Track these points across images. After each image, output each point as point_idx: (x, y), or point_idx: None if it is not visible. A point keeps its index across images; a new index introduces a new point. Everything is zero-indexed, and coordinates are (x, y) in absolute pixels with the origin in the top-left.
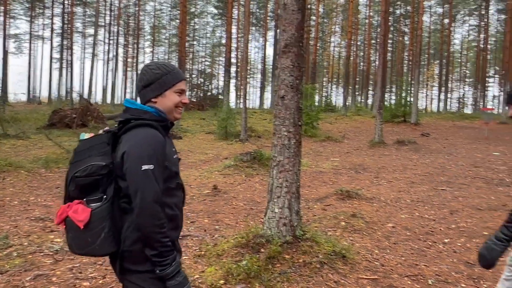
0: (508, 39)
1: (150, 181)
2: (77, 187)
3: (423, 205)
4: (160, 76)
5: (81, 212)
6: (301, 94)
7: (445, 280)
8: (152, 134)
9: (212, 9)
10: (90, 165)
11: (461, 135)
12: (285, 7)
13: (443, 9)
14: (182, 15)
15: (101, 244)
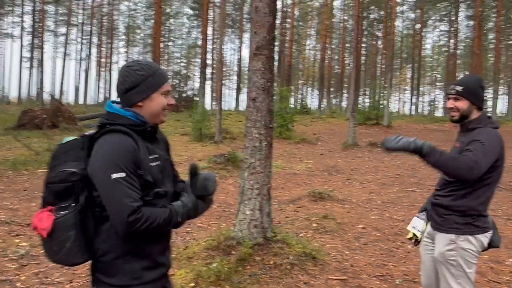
0: (476, 45)
1: (123, 190)
2: (50, 193)
3: (393, 206)
4: (145, 78)
5: (45, 221)
6: (272, 96)
7: (412, 280)
8: (121, 140)
9: (188, 10)
10: (61, 172)
11: (431, 137)
12: (256, 10)
13: (415, 14)
14: (157, 15)
15: (67, 254)
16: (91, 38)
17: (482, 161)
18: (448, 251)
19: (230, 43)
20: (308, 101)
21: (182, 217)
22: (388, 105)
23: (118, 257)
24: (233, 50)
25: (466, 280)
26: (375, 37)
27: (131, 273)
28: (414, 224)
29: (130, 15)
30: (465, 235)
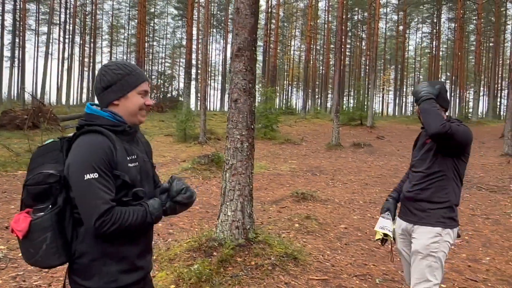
0: (457, 47)
1: (94, 191)
2: (28, 195)
3: (375, 206)
4: (121, 77)
5: (21, 222)
6: (254, 98)
7: (391, 279)
8: (96, 140)
9: (173, 10)
10: (39, 174)
11: (413, 138)
12: (238, 11)
13: (398, 16)
14: (141, 15)
15: (44, 256)
16: (74, 37)
17: (455, 129)
18: (433, 243)
19: (215, 43)
20: (293, 101)
21: (157, 216)
22: (372, 106)
23: (95, 259)
24: (218, 51)
25: (439, 272)
26: (359, 38)
27: (108, 276)
28: (382, 225)
29: (113, 14)
30: (447, 229)
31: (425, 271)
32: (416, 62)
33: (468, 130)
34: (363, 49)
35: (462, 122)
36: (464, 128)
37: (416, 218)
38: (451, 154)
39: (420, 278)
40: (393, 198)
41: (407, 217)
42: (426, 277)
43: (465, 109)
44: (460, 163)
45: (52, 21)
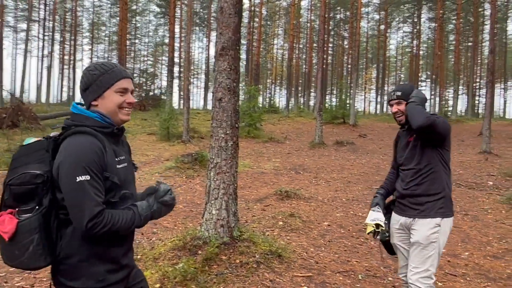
0: (437, 46)
1: (86, 193)
2: (11, 195)
3: (357, 204)
4: (97, 77)
5: (7, 224)
6: (238, 96)
7: (374, 275)
8: (87, 142)
9: (155, 8)
10: (24, 174)
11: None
12: (222, 10)
13: (380, 15)
14: (123, 12)
15: (30, 258)
16: (54, 34)
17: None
18: (433, 233)
19: (198, 42)
20: (276, 100)
21: (145, 219)
22: (354, 105)
23: (83, 260)
24: (201, 49)
25: (437, 261)
26: (341, 37)
27: (96, 276)
28: (374, 217)
29: (94, 11)
30: (446, 218)
31: (425, 260)
32: (397, 61)
33: (446, 120)
34: (345, 48)
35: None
36: (443, 119)
37: (416, 212)
38: (435, 145)
39: (419, 267)
40: (381, 195)
41: (405, 212)
42: (426, 266)
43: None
44: (445, 152)
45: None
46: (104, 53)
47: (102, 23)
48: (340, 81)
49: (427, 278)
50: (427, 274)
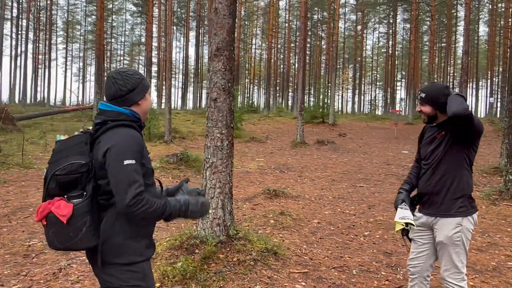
0: (413, 46)
1: (131, 175)
2: (57, 184)
3: (343, 201)
4: (140, 81)
5: (64, 208)
6: (233, 96)
7: (367, 270)
8: (132, 133)
9: (131, 7)
10: (70, 164)
11: (374, 135)
12: (216, 11)
13: (356, 16)
14: (100, 11)
15: (83, 238)
16: (28, 33)
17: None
18: (455, 233)
19: (175, 41)
20: (255, 100)
21: (173, 211)
22: (333, 104)
23: (126, 238)
24: (179, 48)
25: (464, 256)
26: (319, 37)
27: (137, 251)
28: (402, 215)
29: (69, 10)
30: (467, 217)
31: (453, 258)
32: (373, 61)
33: (481, 122)
34: (323, 48)
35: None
36: (478, 119)
37: (436, 211)
38: (464, 142)
39: (449, 266)
40: (405, 191)
41: (427, 210)
42: (454, 263)
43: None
44: (471, 152)
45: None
46: (79, 52)
47: (77, 22)
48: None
49: (457, 273)
50: (456, 270)
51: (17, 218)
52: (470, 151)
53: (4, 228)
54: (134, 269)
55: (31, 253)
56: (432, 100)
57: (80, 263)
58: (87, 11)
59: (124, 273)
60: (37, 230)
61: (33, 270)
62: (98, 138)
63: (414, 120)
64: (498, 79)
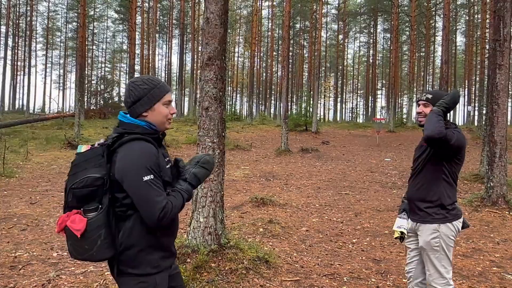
0: (393, 56)
1: (154, 190)
2: (74, 197)
3: (330, 209)
4: (148, 91)
5: (78, 222)
6: (224, 105)
7: (358, 277)
8: (146, 147)
9: (113, 14)
10: (86, 177)
11: (356, 142)
12: (208, 21)
13: (338, 26)
14: (82, 18)
15: (98, 251)
16: (7, 39)
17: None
18: (433, 239)
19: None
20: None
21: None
22: (316, 112)
23: (142, 250)
24: (161, 56)
25: (447, 262)
26: (301, 46)
27: (152, 263)
28: (399, 224)
29: (49, 16)
30: (445, 224)
31: (434, 264)
32: (355, 69)
33: (462, 136)
34: (305, 56)
35: (457, 127)
36: (458, 134)
37: (417, 217)
38: (443, 157)
39: (432, 271)
40: (406, 199)
41: (412, 216)
42: (437, 269)
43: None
44: (452, 165)
45: None
46: (59, 59)
47: (58, 28)
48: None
49: (441, 278)
50: (439, 275)
51: (1, 229)
52: (451, 164)
53: None
54: (146, 281)
55: (18, 265)
56: (436, 102)
57: (69, 274)
58: (68, 17)
59: (135, 285)
60: (22, 241)
61: (21, 282)
62: (115, 150)
63: (395, 128)
64: (475, 87)
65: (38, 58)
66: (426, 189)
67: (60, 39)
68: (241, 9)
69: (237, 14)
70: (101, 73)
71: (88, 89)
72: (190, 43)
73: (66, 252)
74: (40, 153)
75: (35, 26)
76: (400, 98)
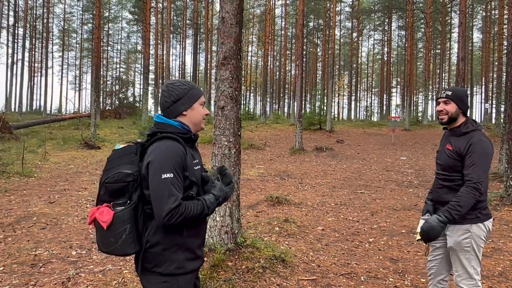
0: (408, 53)
1: (168, 189)
2: (106, 191)
3: (346, 208)
4: (188, 91)
5: (105, 214)
6: (240, 104)
7: (375, 276)
8: (173, 145)
9: (127, 15)
10: (118, 173)
11: (371, 141)
12: (223, 20)
13: (352, 23)
14: (97, 19)
15: (122, 245)
16: (24, 41)
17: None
18: (464, 239)
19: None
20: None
21: (212, 209)
22: (331, 111)
23: (167, 248)
24: (175, 56)
25: (477, 263)
26: (314, 44)
27: (176, 263)
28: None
29: (65, 18)
30: (477, 224)
31: (464, 264)
32: (369, 67)
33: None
34: (318, 55)
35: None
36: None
37: None
38: None
39: (461, 271)
40: (430, 200)
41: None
42: (466, 269)
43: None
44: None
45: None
46: (75, 60)
47: (73, 30)
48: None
49: (469, 279)
50: (468, 276)
51: (21, 227)
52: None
53: (9, 237)
54: (169, 281)
55: (38, 263)
56: (458, 98)
57: (88, 272)
58: (83, 19)
59: (158, 284)
60: (42, 240)
61: (41, 280)
62: (147, 148)
63: (410, 126)
64: (492, 85)
65: (55, 59)
66: (454, 191)
67: (76, 40)
68: (254, 8)
69: (250, 13)
70: (116, 74)
71: (104, 89)
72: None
73: (85, 251)
74: (58, 153)
75: (52, 28)
76: (415, 96)
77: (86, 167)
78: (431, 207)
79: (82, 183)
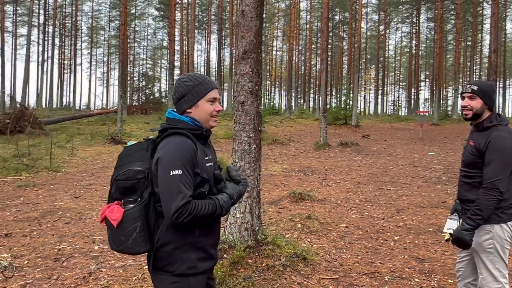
0: (438, 46)
1: (177, 186)
2: (117, 189)
3: (371, 205)
4: (192, 88)
5: (115, 212)
6: (260, 99)
7: (400, 276)
8: (182, 141)
9: (153, 11)
10: (129, 170)
11: (398, 136)
12: (243, 14)
13: (379, 16)
14: (124, 16)
15: (133, 243)
16: (54, 39)
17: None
18: (485, 240)
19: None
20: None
21: (226, 209)
22: (356, 105)
23: (178, 247)
24: (200, 52)
25: (502, 265)
26: (340, 38)
27: (188, 263)
28: (449, 226)
29: (93, 15)
30: (499, 224)
31: (488, 266)
32: (396, 61)
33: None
34: (344, 48)
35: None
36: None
37: None
38: None
39: (485, 274)
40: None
41: (463, 216)
42: (490, 272)
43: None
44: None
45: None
46: (103, 57)
47: (101, 27)
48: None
49: (495, 282)
50: (493, 279)
51: (46, 222)
52: None
53: (35, 231)
54: (180, 281)
55: (61, 257)
56: (484, 93)
57: (109, 267)
58: (111, 16)
59: (169, 284)
60: (66, 234)
61: (63, 274)
62: (158, 145)
63: (439, 121)
64: None
65: (84, 56)
66: (475, 190)
67: (103, 37)
68: (279, 2)
69: (275, 8)
70: (142, 70)
71: (130, 85)
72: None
73: (107, 246)
74: (85, 148)
75: (80, 26)
76: (444, 89)
77: (112, 162)
78: (459, 206)
79: (107, 178)
